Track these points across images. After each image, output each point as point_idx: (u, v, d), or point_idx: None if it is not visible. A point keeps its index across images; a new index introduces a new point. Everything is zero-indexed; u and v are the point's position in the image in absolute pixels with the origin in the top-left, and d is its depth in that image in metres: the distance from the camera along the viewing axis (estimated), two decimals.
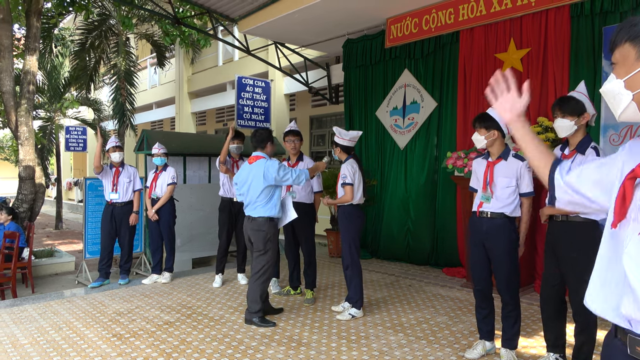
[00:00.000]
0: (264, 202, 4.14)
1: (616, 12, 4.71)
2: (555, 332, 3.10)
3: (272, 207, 4.18)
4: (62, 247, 9.41)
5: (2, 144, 22.37)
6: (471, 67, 5.90)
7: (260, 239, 4.15)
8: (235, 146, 5.61)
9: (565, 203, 1.42)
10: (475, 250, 3.31)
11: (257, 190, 4.13)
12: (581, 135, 2.93)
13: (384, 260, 6.99)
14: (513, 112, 1.50)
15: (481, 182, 3.27)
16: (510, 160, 3.19)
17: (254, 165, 4.19)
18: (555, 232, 3.02)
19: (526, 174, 3.16)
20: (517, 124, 1.50)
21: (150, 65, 15.34)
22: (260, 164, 4.15)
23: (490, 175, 3.21)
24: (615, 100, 1.24)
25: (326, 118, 10.45)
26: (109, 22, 11.38)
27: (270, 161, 4.17)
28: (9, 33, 7.43)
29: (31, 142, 7.53)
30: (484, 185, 3.24)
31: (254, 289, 4.14)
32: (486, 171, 3.24)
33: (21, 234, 6.36)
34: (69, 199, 20.09)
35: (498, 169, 3.20)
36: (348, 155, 4.38)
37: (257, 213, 4.16)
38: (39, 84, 12.28)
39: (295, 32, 7.45)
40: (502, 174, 3.18)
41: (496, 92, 1.54)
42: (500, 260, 3.19)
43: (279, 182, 4.13)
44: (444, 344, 3.68)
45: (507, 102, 1.51)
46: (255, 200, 4.16)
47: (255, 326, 4.07)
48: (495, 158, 3.24)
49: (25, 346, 3.69)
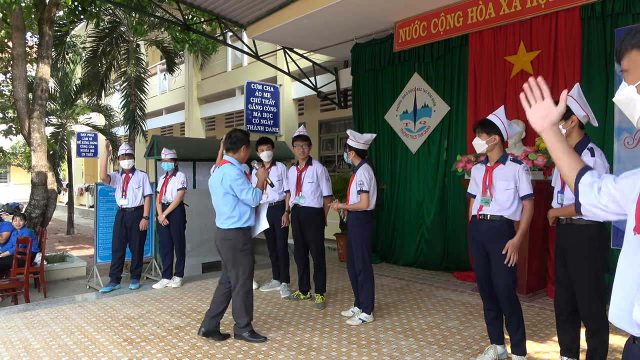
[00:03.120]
0: (229, 211, 3.77)
1: (628, 13, 4.66)
2: (569, 336, 3.06)
3: (238, 217, 3.78)
4: (74, 252, 9.50)
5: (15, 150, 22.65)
6: (481, 70, 5.87)
7: (228, 249, 3.79)
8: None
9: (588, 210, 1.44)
10: (477, 252, 3.36)
11: (219, 197, 3.80)
12: (577, 137, 2.95)
13: (394, 264, 6.96)
14: (547, 120, 1.47)
15: (480, 186, 3.34)
16: (509, 164, 3.26)
17: (218, 170, 3.87)
18: (562, 235, 3.03)
19: (524, 176, 3.21)
20: (550, 132, 1.47)
21: (160, 72, 15.47)
22: (223, 169, 3.80)
23: (489, 179, 3.29)
24: (631, 107, 1.24)
25: (335, 122, 10.46)
26: (119, 29, 11.52)
27: (232, 167, 3.78)
28: (22, 41, 7.56)
29: (43, 148, 7.63)
30: (483, 189, 3.31)
31: (237, 304, 3.84)
32: (485, 175, 3.32)
33: (34, 239, 6.42)
34: (81, 205, 20.27)
35: (497, 173, 3.27)
36: (362, 160, 4.31)
37: (223, 224, 3.83)
38: (51, 91, 12.43)
39: (304, 37, 7.48)
40: (500, 177, 3.24)
41: (530, 100, 1.51)
42: (498, 263, 3.21)
43: (237, 192, 3.73)
44: (455, 349, 3.64)
45: (541, 110, 1.48)
46: (220, 209, 3.84)
47: (246, 341, 3.84)
48: (493, 163, 3.31)
49: (37, 350, 3.72)
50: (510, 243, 3.16)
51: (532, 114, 1.50)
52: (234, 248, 3.77)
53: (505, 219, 3.22)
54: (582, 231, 2.91)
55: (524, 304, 4.57)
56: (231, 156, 3.87)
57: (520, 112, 5.46)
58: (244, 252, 3.81)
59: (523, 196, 3.21)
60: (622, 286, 1.24)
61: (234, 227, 3.77)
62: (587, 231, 2.90)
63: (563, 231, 3.02)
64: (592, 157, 2.85)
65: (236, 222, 3.78)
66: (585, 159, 2.84)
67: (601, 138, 4.80)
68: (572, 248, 2.94)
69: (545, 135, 1.49)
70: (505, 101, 5.59)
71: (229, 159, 3.86)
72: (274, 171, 5.29)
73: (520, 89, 5.83)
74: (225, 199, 3.75)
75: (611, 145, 4.74)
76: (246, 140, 3.90)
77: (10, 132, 14.37)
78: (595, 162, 2.83)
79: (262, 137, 5.40)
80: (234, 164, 3.83)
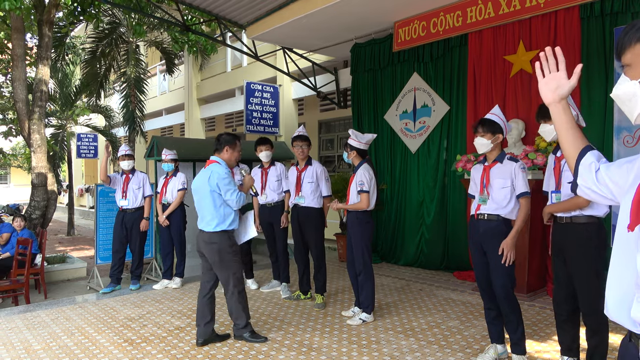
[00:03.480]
0: (214, 211, 3.71)
1: (627, 12, 4.66)
2: (570, 336, 3.06)
3: (223, 218, 3.73)
4: (74, 253, 9.50)
5: (15, 151, 22.66)
6: (480, 70, 5.87)
7: (214, 252, 3.72)
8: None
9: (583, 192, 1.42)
10: (475, 252, 3.37)
11: (205, 198, 3.74)
12: None
13: (394, 264, 6.96)
14: (557, 92, 1.44)
15: (478, 185, 3.35)
16: (505, 163, 3.28)
17: (204, 170, 3.81)
18: (561, 234, 3.02)
19: (520, 174, 3.22)
20: (559, 106, 1.45)
21: (160, 72, 15.47)
22: (210, 168, 3.77)
23: (486, 178, 3.31)
24: (632, 103, 1.20)
25: (335, 122, 10.46)
26: (119, 30, 11.52)
27: (220, 166, 3.76)
28: (21, 42, 7.56)
29: (43, 149, 7.63)
30: (480, 188, 3.32)
31: (234, 305, 3.79)
32: (482, 174, 3.34)
33: (34, 240, 6.42)
34: (81, 206, 20.27)
35: (494, 171, 3.29)
36: (362, 160, 4.32)
37: (207, 226, 3.75)
38: (51, 92, 12.43)
39: (303, 37, 7.48)
40: (497, 176, 3.26)
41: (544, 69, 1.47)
42: (495, 263, 3.22)
43: (223, 193, 3.70)
44: (456, 349, 3.64)
45: (553, 81, 1.44)
46: (204, 210, 3.77)
47: (247, 341, 3.82)
48: (491, 162, 3.32)
49: (38, 352, 3.73)
50: (504, 243, 3.16)
51: (543, 85, 1.47)
52: (221, 251, 3.71)
53: (503, 218, 3.23)
54: (580, 230, 2.92)
55: (524, 304, 4.58)
56: (217, 156, 3.87)
57: (519, 112, 5.46)
58: (232, 254, 3.75)
59: (519, 194, 3.22)
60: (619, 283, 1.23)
61: (219, 229, 3.71)
62: (585, 230, 2.91)
63: (561, 230, 3.02)
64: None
65: (221, 224, 3.72)
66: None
67: (600, 137, 4.80)
68: (571, 247, 2.95)
69: (553, 108, 1.46)
70: (505, 100, 5.59)
71: (215, 159, 3.85)
72: (273, 171, 5.28)
73: (519, 88, 5.83)
74: (211, 198, 3.69)
75: (611, 144, 4.74)
76: (232, 141, 3.89)
77: (10, 134, 14.38)
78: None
79: (260, 137, 5.40)
80: (220, 163, 3.81)
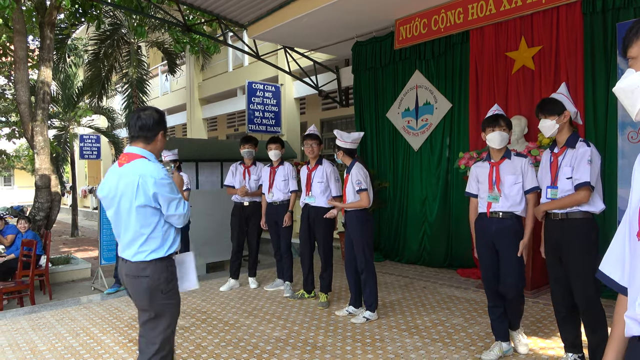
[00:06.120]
0: (147, 233, 2.37)
1: (629, 7, 4.63)
2: (572, 332, 3.06)
3: (161, 241, 2.40)
4: (78, 254, 9.53)
5: (19, 153, 22.74)
6: (482, 67, 5.85)
7: (143, 291, 2.37)
8: (246, 151, 5.52)
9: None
10: (486, 250, 3.34)
11: (128, 215, 2.37)
12: (567, 133, 3.00)
13: (398, 262, 6.95)
14: None
15: (485, 183, 3.31)
16: (514, 159, 3.27)
17: (124, 170, 2.39)
18: (556, 231, 3.01)
19: (530, 169, 3.21)
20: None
21: (162, 73, 15.49)
22: (134, 169, 2.36)
23: (496, 175, 3.27)
24: (634, 95, 1.18)
25: (337, 121, 10.45)
26: (120, 31, 11.54)
27: (152, 165, 2.38)
28: (23, 45, 7.57)
29: (46, 151, 7.65)
30: (490, 186, 3.28)
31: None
32: (491, 172, 3.30)
33: (38, 241, 6.45)
34: (84, 207, 20.33)
35: (503, 168, 3.26)
36: (353, 159, 4.34)
37: (136, 254, 2.37)
38: (54, 93, 12.47)
39: (304, 36, 7.47)
40: (508, 172, 3.24)
41: None
42: (509, 263, 3.20)
43: (164, 206, 2.38)
44: (460, 346, 3.64)
45: None
46: (127, 229, 2.39)
47: None
48: (498, 159, 3.29)
49: (43, 352, 3.74)
50: (523, 244, 3.19)
51: None
52: (154, 289, 2.38)
53: (516, 216, 3.21)
54: (577, 225, 2.91)
55: (528, 301, 4.57)
56: (143, 148, 2.44)
57: (522, 108, 5.44)
58: (169, 295, 2.44)
59: (528, 189, 3.20)
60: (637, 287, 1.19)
61: (153, 257, 2.37)
62: (582, 225, 2.90)
63: (556, 227, 3.00)
64: (588, 147, 2.90)
65: (157, 249, 2.38)
66: (582, 149, 2.90)
67: (604, 133, 4.78)
68: (568, 243, 2.92)
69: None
70: (507, 97, 5.57)
71: (139, 152, 2.42)
72: (280, 171, 5.29)
73: (521, 84, 5.82)
74: (142, 214, 2.35)
75: (615, 140, 4.72)
76: (161, 123, 2.48)
77: (13, 136, 14.45)
78: (592, 151, 2.87)
79: (272, 136, 5.46)
80: (149, 158, 2.43)
